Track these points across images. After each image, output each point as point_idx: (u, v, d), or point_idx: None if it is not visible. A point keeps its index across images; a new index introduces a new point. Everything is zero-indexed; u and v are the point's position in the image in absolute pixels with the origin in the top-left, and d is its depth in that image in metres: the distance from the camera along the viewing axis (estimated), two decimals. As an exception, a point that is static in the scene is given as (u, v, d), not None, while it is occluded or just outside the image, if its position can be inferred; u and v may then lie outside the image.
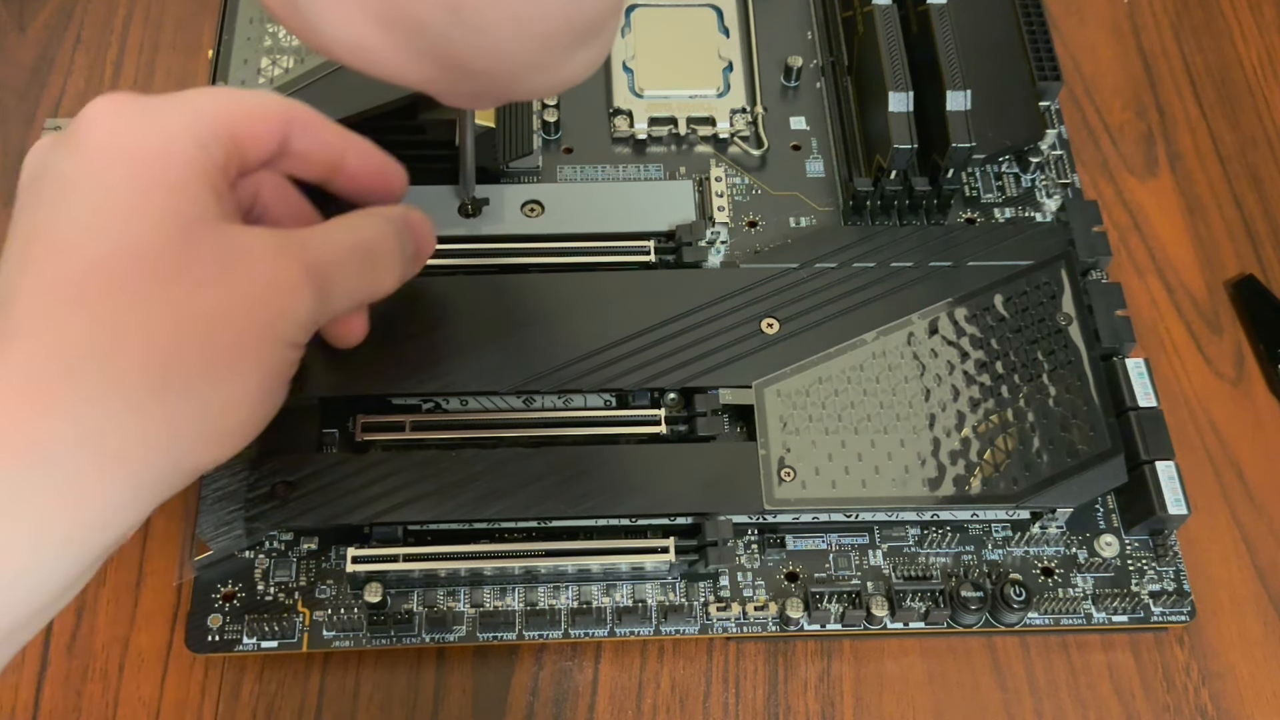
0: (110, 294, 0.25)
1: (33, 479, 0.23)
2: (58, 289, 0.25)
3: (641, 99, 0.42)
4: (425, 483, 0.33)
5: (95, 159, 0.26)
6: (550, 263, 0.37)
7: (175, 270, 0.26)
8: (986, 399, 0.35)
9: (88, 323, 0.25)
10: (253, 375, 0.27)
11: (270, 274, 0.28)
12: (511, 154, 0.39)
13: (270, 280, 0.27)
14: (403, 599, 0.34)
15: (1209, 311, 0.42)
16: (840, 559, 0.35)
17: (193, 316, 0.26)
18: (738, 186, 0.41)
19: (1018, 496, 0.34)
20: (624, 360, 0.35)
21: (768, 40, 0.44)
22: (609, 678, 0.34)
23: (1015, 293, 0.37)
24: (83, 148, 0.27)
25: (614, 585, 0.35)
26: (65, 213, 0.26)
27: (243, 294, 0.27)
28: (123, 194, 0.26)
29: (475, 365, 0.35)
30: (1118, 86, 0.46)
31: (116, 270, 0.25)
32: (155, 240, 0.26)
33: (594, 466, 0.34)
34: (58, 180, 0.26)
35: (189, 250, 0.26)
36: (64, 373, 0.24)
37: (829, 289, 0.37)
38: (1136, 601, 0.35)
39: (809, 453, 0.34)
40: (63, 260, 0.25)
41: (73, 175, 0.26)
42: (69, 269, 0.25)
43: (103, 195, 0.26)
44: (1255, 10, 0.49)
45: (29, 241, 0.26)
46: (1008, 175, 0.42)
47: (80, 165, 0.26)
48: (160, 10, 0.46)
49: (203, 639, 0.33)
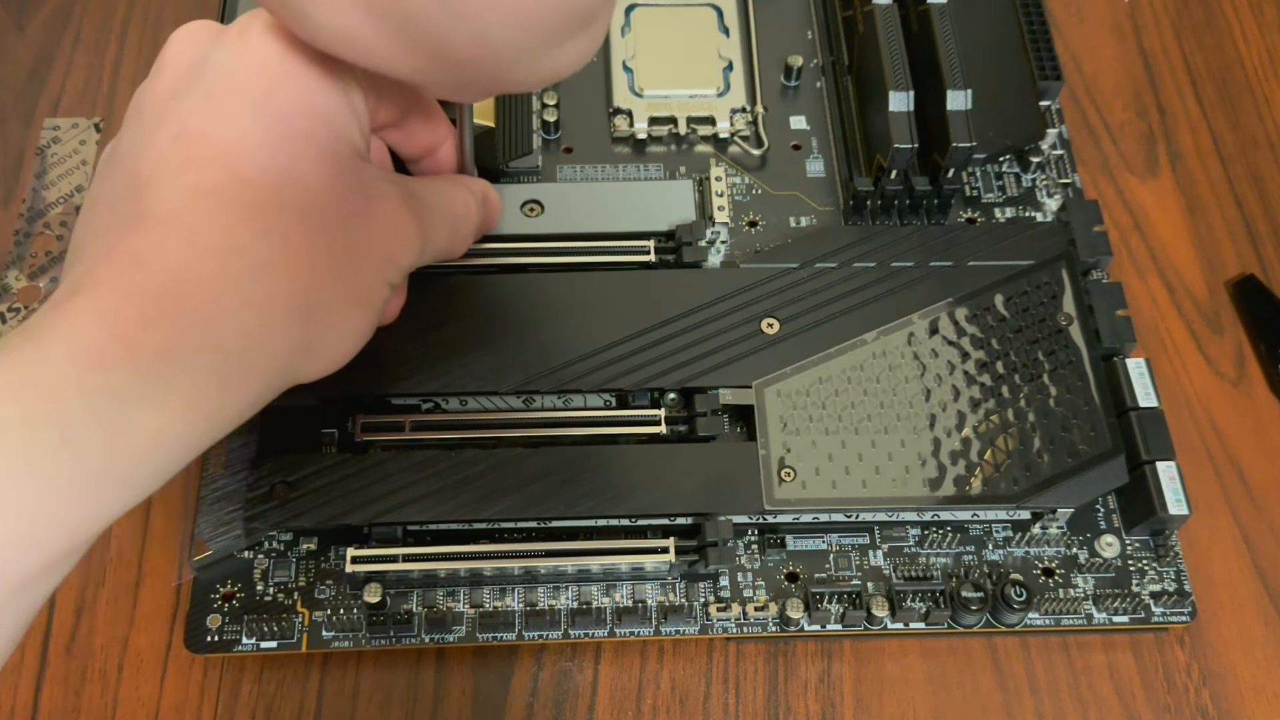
0: (273, 214, 0.25)
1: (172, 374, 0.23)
2: (222, 197, 0.25)
3: (641, 98, 0.42)
4: (425, 483, 0.33)
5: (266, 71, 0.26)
6: (550, 263, 0.37)
7: (328, 201, 0.27)
8: (987, 399, 0.35)
9: (249, 238, 0.25)
10: (370, 310, 0.29)
11: (396, 219, 0.29)
12: (511, 154, 0.39)
13: (395, 225, 0.29)
14: (402, 599, 0.34)
15: (1210, 311, 0.42)
16: (840, 559, 0.35)
17: (339, 250, 0.27)
18: (738, 186, 0.41)
19: (1018, 497, 0.34)
20: (624, 360, 0.35)
21: (768, 40, 0.44)
22: (609, 678, 0.34)
23: (1016, 293, 0.37)
24: (254, 54, 0.26)
25: (614, 585, 0.35)
26: (230, 118, 0.25)
27: (376, 234, 0.28)
28: (290, 115, 0.26)
29: (475, 365, 0.34)
30: (1118, 86, 0.46)
31: (280, 191, 0.26)
32: (315, 169, 0.26)
33: (594, 466, 0.34)
34: (222, 78, 0.26)
35: (338, 183, 0.27)
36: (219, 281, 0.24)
37: (829, 289, 0.37)
38: (1137, 602, 0.35)
39: (809, 453, 0.34)
40: (228, 168, 0.25)
41: (240, 79, 0.26)
42: (234, 179, 0.25)
43: (272, 113, 0.26)
44: (1256, 10, 0.49)
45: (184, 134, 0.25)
46: (1008, 175, 0.42)
47: (250, 73, 0.26)
48: (159, 10, 0.46)
49: (202, 639, 0.33)
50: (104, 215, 0.26)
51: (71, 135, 0.43)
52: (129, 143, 0.26)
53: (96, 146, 0.43)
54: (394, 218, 0.29)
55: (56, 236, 0.41)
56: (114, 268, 0.24)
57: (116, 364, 0.23)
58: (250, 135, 0.25)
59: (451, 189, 0.33)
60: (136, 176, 0.25)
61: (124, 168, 0.26)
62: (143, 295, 0.23)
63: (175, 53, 0.27)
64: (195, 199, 0.25)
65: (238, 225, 0.25)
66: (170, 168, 0.25)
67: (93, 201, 0.27)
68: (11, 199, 0.42)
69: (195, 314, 0.24)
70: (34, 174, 0.42)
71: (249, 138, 0.25)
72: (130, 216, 0.25)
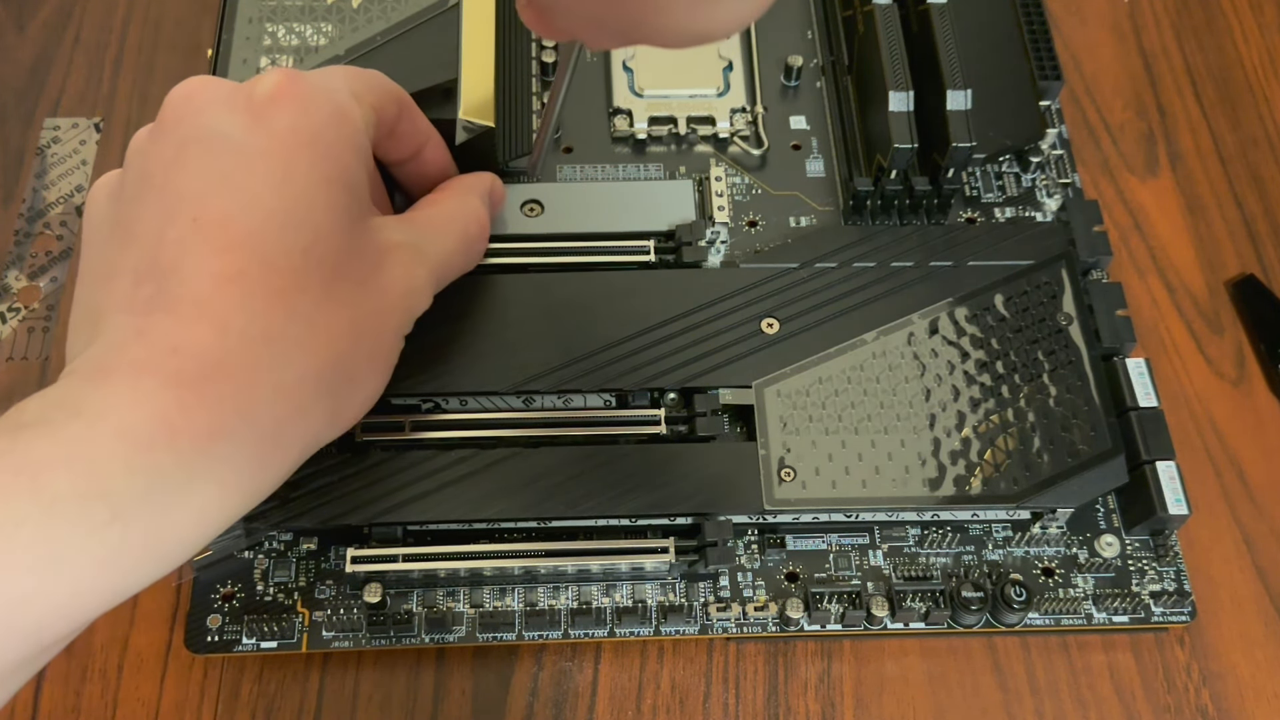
0: (297, 296, 0.26)
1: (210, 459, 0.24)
2: (249, 282, 0.25)
3: (641, 98, 0.42)
4: (425, 483, 0.33)
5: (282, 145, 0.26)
6: (550, 263, 0.37)
7: (344, 268, 0.27)
8: (987, 399, 0.35)
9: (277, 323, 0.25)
10: (388, 367, 0.29)
11: (409, 273, 0.29)
12: (511, 153, 0.39)
13: (409, 279, 0.29)
14: (402, 599, 0.34)
15: (1210, 311, 0.42)
16: (840, 559, 0.35)
17: (359, 318, 0.27)
18: (738, 186, 0.41)
19: (1018, 497, 0.34)
20: (624, 360, 0.35)
21: (768, 40, 0.44)
22: (609, 678, 0.34)
23: (1016, 292, 0.37)
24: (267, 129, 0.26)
25: (614, 585, 0.35)
26: (251, 201, 0.25)
27: (391, 291, 0.28)
28: (309, 189, 0.26)
29: (475, 365, 0.34)
30: (1118, 86, 0.46)
31: (303, 272, 0.26)
32: (334, 239, 0.26)
33: (594, 466, 0.34)
34: (237, 157, 0.26)
35: (354, 245, 0.27)
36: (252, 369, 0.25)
37: (829, 289, 0.37)
38: (1137, 602, 0.35)
39: (809, 453, 0.34)
40: (253, 253, 0.25)
41: (256, 159, 0.26)
42: (260, 264, 0.25)
43: (292, 192, 0.26)
44: (1256, 10, 0.49)
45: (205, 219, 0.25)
46: (1008, 175, 0.42)
47: (267, 151, 0.26)
48: (159, 9, 0.46)
49: (202, 639, 0.33)
50: (125, 290, 0.25)
51: (71, 135, 0.43)
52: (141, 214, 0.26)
53: (96, 146, 0.43)
54: (407, 272, 0.29)
55: (56, 236, 0.41)
56: (148, 351, 0.24)
57: (160, 447, 0.23)
58: (273, 218, 0.25)
59: (455, 206, 0.32)
60: (159, 259, 0.25)
61: (142, 245, 0.26)
62: (179, 383, 0.24)
63: (178, 115, 0.27)
64: (223, 285, 0.25)
65: (266, 311, 0.25)
66: (196, 253, 0.25)
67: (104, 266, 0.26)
68: (11, 199, 0.42)
69: (231, 403, 0.24)
70: (34, 174, 0.42)
71: (272, 221, 0.25)
72: (156, 299, 0.25)
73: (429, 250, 0.30)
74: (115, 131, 0.43)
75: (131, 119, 0.44)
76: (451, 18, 0.37)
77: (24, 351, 0.39)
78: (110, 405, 0.23)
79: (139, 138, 0.28)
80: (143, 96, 0.44)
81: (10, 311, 0.39)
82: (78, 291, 0.27)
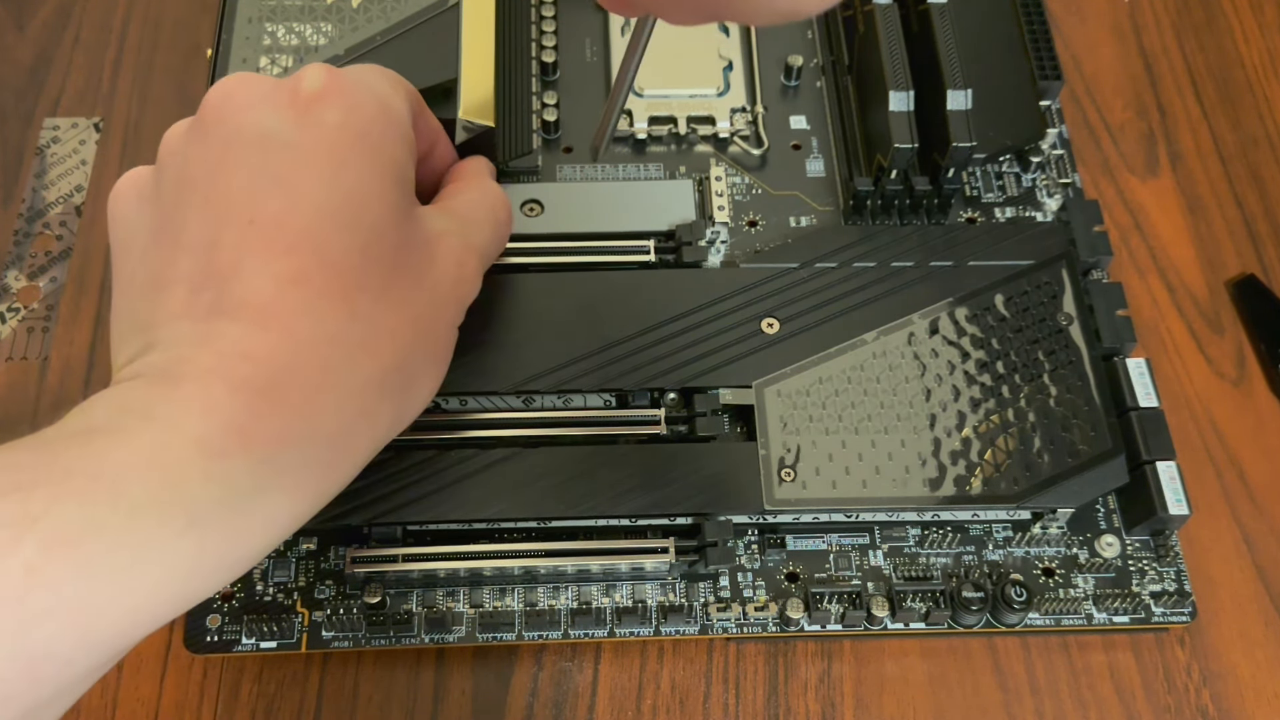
0: (358, 295, 0.25)
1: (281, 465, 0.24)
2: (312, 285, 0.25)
3: (641, 98, 0.42)
4: (425, 483, 0.33)
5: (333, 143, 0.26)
6: (550, 262, 0.37)
7: (401, 264, 0.26)
8: (987, 399, 0.35)
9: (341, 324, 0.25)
10: (446, 362, 0.29)
11: (461, 261, 0.29)
12: (511, 153, 0.39)
13: (461, 267, 0.29)
14: (402, 599, 0.34)
15: (1210, 311, 0.42)
16: (840, 559, 0.35)
17: (417, 314, 0.27)
18: (738, 186, 0.41)
19: (1018, 497, 0.34)
20: (624, 360, 0.35)
21: (768, 39, 0.44)
22: (609, 678, 0.34)
23: (1016, 292, 0.37)
24: (316, 127, 0.26)
25: (614, 586, 0.35)
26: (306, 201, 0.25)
27: (444, 283, 0.28)
28: (363, 185, 0.26)
29: (475, 365, 0.34)
30: (1118, 86, 0.46)
31: (362, 271, 0.25)
32: (389, 235, 0.26)
33: (594, 466, 0.34)
34: (289, 156, 0.25)
35: (408, 238, 0.27)
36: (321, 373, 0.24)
37: (829, 289, 0.37)
38: (1137, 602, 0.35)
39: (809, 453, 0.34)
40: (314, 254, 0.25)
41: (308, 157, 0.25)
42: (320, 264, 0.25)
43: (345, 189, 0.25)
44: (1256, 10, 0.49)
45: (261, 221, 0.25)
46: (1008, 175, 0.42)
47: (317, 149, 0.25)
48: (159, 9, 0.46)
49: (201, 639, 0.33)
50: (182, 297, 0.25)
51: (71, 135, 0.43)
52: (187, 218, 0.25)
53: (96, 146, 0.43)
54: (458, 260, 0.29)
55: (56, 236, 0.41)
56: (216, 358, 0.24)
57: (234, 454, 0.23)
58: (330, 217, 0.25)
59: (481, 191, 0.32)
60: (215, 264, 0.25)
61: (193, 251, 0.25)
62: (249, 389, 0.23)
63: (219, 114, 0.26)
64: (286, 288, 0.24)
65: (330, 313, 0.25)
66: (255, 257, 0.24)
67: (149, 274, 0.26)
68: (11, 199, 0.42)
69: (300, 408, 0.24)
70: (33, 174, 0.42)
71: (329, 220, 0.25)
72: (218, 305, 0.24)
73: (473, 237, 0.30)
74: (115, 131, 0.43)
75: (131, 119, 0.44)
76: (451, 18, 0.37)
77: (24, 351, 0.39)
78: (183, 412, 0.23)
79: (174, 137, 0.27)
80: (142, 96, 0.44)
81: (10, 311, 0.39)
82: (117, 300, 0.27)
